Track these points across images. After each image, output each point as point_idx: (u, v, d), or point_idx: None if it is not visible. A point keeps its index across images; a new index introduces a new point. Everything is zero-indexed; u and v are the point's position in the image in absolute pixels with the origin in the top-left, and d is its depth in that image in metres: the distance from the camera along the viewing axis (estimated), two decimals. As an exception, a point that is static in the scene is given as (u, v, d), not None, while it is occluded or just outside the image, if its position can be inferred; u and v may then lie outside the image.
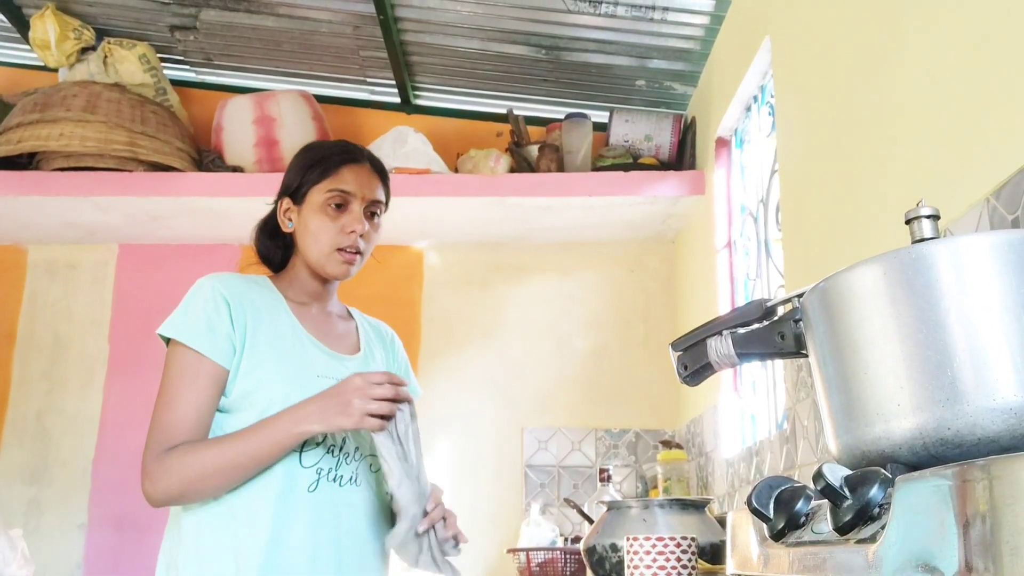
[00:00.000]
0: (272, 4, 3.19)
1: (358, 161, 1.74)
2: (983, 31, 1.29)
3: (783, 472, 2.12)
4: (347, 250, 1.69)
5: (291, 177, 1.75)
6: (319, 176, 1.70)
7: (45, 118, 3.22)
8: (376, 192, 1.74)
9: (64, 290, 3.71)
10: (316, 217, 1.69)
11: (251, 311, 1.62)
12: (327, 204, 1.69)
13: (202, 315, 1.59)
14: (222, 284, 1.64)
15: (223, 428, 1.57)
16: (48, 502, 3.53)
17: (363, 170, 1.74)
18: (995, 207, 1.22)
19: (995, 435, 0.73)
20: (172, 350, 1.61)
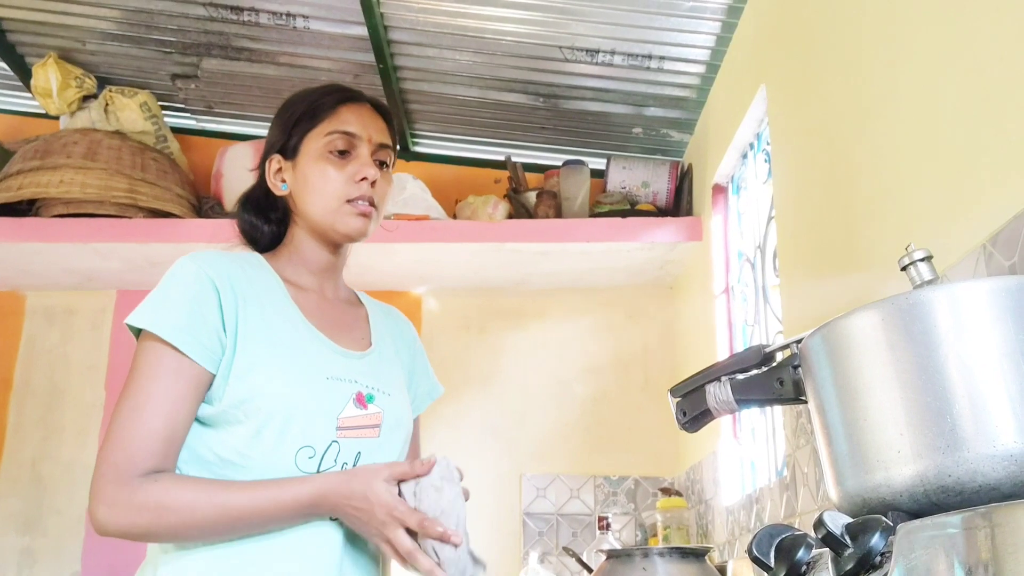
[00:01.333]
0: (273, 53, 3.23)
1: (357, 100, 1.48)
2: (976, 78, 1.30)
3: (783, 520, 2.11)
4: (359, 200, 1.41)
5: (276, 134, 1.47)
6: (312, 120, 1.43)
7: (46, 165, 3.24)
8: (384, 134, 1.47)
9: (62, 336, 3.70)
10: (316, 166, 1.41)
11: (243, 299, 1.33)
12: (328, 150, 1.42)
13: (183, 304, 1.29)
14: (209, 266, 1.33)
15: (209, 446, 1.29)
16: (42, 551, 3.49)
17: (364, 110, 1.47)
18: (992, 253, 1.23)
19: (996, 482, 0.73)
20: (144, 345, 1.29)
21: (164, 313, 1.29)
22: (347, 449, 1.34)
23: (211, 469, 1.30)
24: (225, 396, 1.28)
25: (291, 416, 1.30)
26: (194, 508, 1.23)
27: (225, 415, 1.29)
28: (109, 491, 1.23)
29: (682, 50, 2.90)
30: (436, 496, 1.18)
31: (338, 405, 1.35)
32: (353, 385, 1.38)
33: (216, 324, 1.29)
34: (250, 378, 1.29)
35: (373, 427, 1.38)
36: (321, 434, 1.32)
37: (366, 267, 3.28)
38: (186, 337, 1.27)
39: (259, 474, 1.28)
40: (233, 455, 1.29)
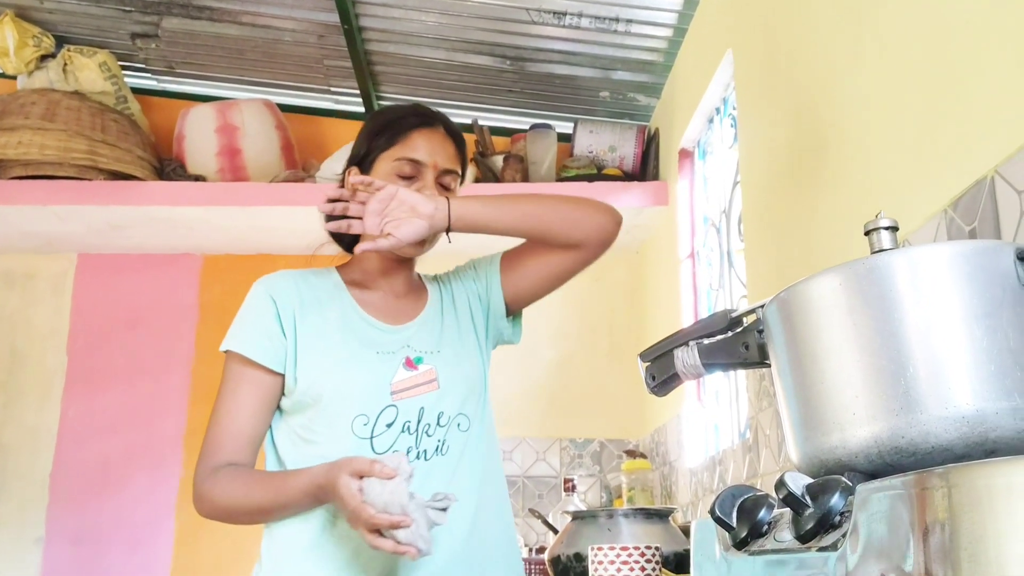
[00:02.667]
0: (235, 12, 3.17)
1: (431, 125, 1.61)
2: (941, 45, 1.31)
3: (746, 481, 2.14)
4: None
5: (359, 144, 1.62)
6: (387, 142, 1.57)
7: (3, 126, 3.17)
8: (450, 160, 1.61)
9: (22, 300, 3.65)
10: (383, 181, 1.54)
11: (301, 306, 1.53)
12: (395, 173, 1.55)
13: (248, 320, 1.53)
14: (269, 284, 1.56)
15: (294, 428, 1.51)
16: (5, 516, 3.46)
17: (436, 135, 1.60)
18: (953, 218, 1.24)
19: (948, 443, 0.74)
20: (226, 363, 1.54)
21: (235, 330, 1.53)
22: (407, 408, 1.50)
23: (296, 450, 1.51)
24: (295, 387, 1.49)
25: (345, 391, 1.48)
26: (234, 500, 1.45)
27: (299, 403, 1.50)
28: (195, 484, 1.48)
29: (649, 13, 2.89)
30: (380, 489, 1.31)
31: (388, 373, 1.51)
32: (401, 352, 1.54)
33: (277, 331, 1.51)
34: (310, 369, 1.49)
35: (430, 382, 1.54)
36: (375, 402, 1.49)
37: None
38: (250, 345, 1.50)
39: (325, 445, 1.47)
40: (308, 434, 1.50)
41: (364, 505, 1.30)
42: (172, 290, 3.67)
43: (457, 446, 1.53)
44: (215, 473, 1.46)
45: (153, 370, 3.59)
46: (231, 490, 1.46)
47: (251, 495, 1.45)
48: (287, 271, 1.60)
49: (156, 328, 3.63)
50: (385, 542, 1.30)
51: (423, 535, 1.31)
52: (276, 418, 1.55)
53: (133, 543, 3.44)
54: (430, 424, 1.51)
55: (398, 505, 1.30)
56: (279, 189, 3.26)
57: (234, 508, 1.46)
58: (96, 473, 3.50)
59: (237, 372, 1.51)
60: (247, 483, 1.47)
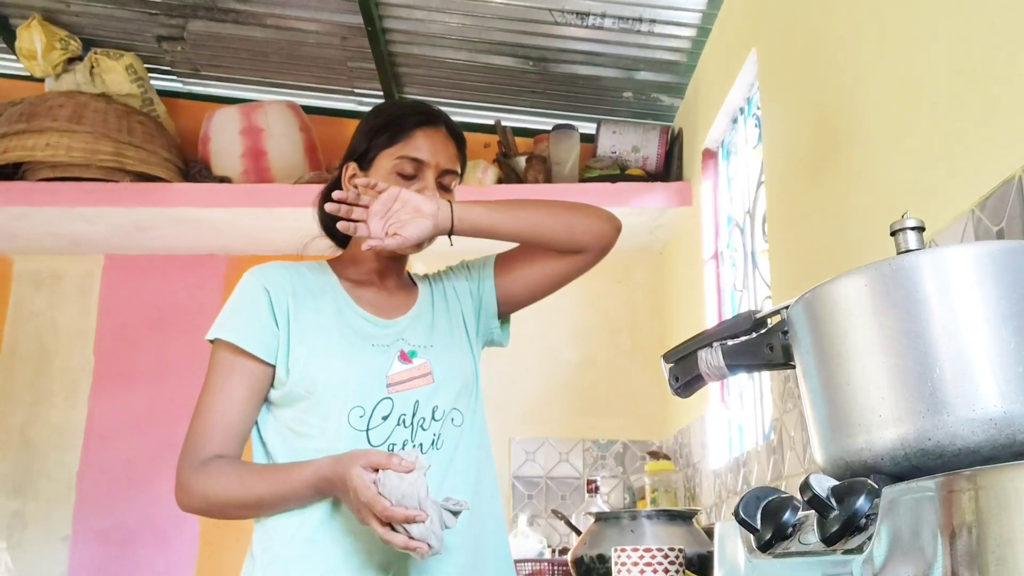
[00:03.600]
0: (260, 15, 3.19)
1: (433, 124, 1.59)
2: (968, 43, 1.30)
3: (770, 483, 2.13)
4: None
5: (358, 139, 1.61)
6: (389, 140, 1.56)
7: (31, 128, 3.21)
8: (451, 160, 1.59)
9: (49, 301, 3.69)
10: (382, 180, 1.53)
11: (294, 297, 1.52)
12: (396, 172, 1.54)
13: (239, 309, 1.51)
14: (262, 274, 1.54)
15: (285, 422, 1.48)
16: (32, 515, 3.50)
17: (438, 135, 1.58)
18: (980, 218, 1.23)
19: (975, 446, 0.74)
20: (213, 352, 1.51)
21: (226, 321, 1.51)
22: (402, 401, 1.49)
23: (287, 443, 1.49)
24: (287, 379, 1.47)
25: (341, 382, 1.47)
26: (228, 493, 1.42)
27: (291, 395, 1.48)
28: (179, 476, 1.45)
29: (673, 13, 2.88)
30: (398, 482, 1.29)
31: (384, 366, 1.50)
32: (396, 345, 1.53)
33: (269, 321, 1.49)
34: (305, 360, 1.47)
35: (424, 376, 1.53)
36: (371, 394, 1.47)
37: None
38: (241, 334, 1.48)
39: (320, 437, 1.46)
40: (301, 427, 1.48)
41: (379, 497, 1.28)
42: (197, 291, 3.70)
43: (451, 441, 1.52)
44: (205, 465, 1.43)
45: (178, 370, 3.62)
46: (224, 482, 1.42)
47: (248, 487, 1.42)
48: (280, 262, 1.59)
49: (181, 328, 3.66)
50: (397, 536, 1.28)
51: (436, 532, 1.30)
52: (263, 412, 1.52)
53: (159, 542, 3.46)
54: (425, 418, 1.50)
55: (415, 499, 1.29)
56: (303, 190, 3.27)
57: (227, 501, 1.42)
58: (122, 472, 3.53)
59: (227, 362, 1.48)
60: (242, 475, 1.44)
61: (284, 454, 1.47)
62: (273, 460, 1.48)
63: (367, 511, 1.30)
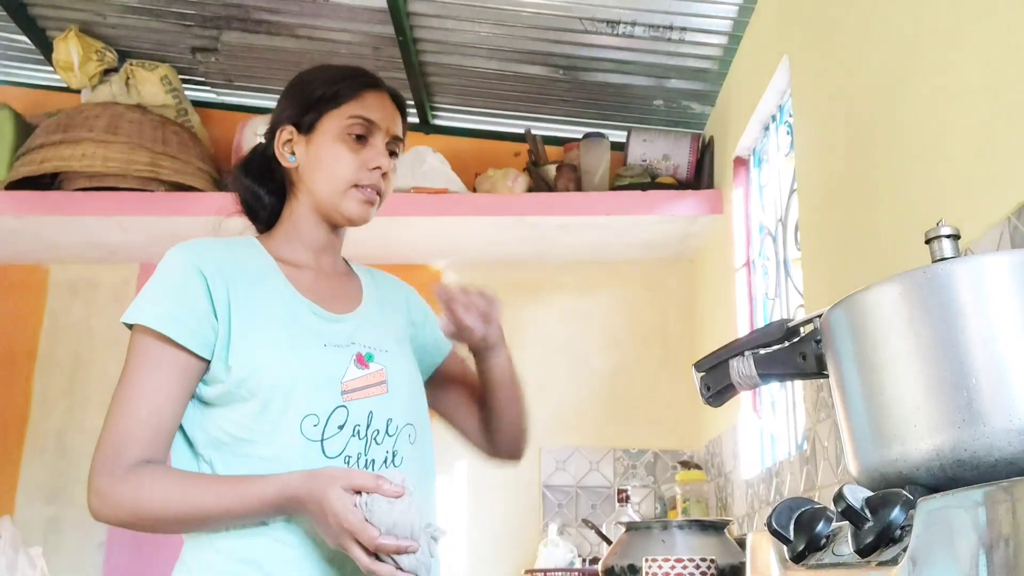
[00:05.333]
0: (292, 26, 3.22)
1: (379, 88, 1.50)
2: (1002, 50, 1.28)
3: (803, 493, 2.11)
4: (368, 188, 1.43)
5: (293, 104, 1.46)
6: (335, 100, 1.43)
7: (68, 139, 3.26)
8: (398, 127, 1.50)
9: (85, 309, 3.73)
10: (332, 147, 1.42)
11: (233, 283, 1.35)
12: (347, 132, 1.42)
13: (170, 292, 1.32)
14: (194, 254, 1.35)
15: (219, 425, 1.32)
16: (68, 520, 3.54)
17: (385, 99, 1.49)
18: (1016, 226, 1.22)
19: (1012, 456, 0.73)
20: (134, 338, 1.32)
21: (152, 305, 1.32)
22: (357, 411, 1.35)
23: (225, 448, 1.32)
24: (227, 377, 1.31)
25: (293, 387, 1.31)
26: (166, 505, 1.26)
27: (230, 395, 1.31)
28: (97, 482, 1.30)
29: (703, 20, 2.87)
30: (388, 508, 1.18)
31: (339, 370, 1.35)
32: (351, 348, 1.38)
33: (205, 309, 1.31)
34: (249, 357, 1.31)
35: (379, 384, 1.39)
36: (325, 401, 1.33)
37: (385, 240, 3.29)
38: (174, 325, 1.30)
39: (267, 446, 1.30)
40: (243, 432, 1.31)
41: (367, 525, 1.16)
42: (230, 299, 3.73)
43: (409, 459, 1.39)
44: (133, 472, 1.27)
45: (211, 378, 3.64)
46: (161, 493, 1.25)
47: (191, 501, 1.25)
48: (209, 239, 1.44)
49: (214, 336, 3.68)
50: (383, 567, 1.17)
51: (425, 562, 1.20)
52: (193, 410, 1.34)
53: (192, 548, 3.49)
54: (379, 430, 1.36)
55: (407, 527, 1.18)
56: (335, 199, 3.30)
57: (163, 515, 1.26)
58: (156, 479, 3.56)
59: (154, 352, 1.30)
60: (184, 486, 1.26)
61: (222, 461, 1.31)
62: (209, 466, 1.32)
63: (349, 538, 1.18)
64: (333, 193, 1.42)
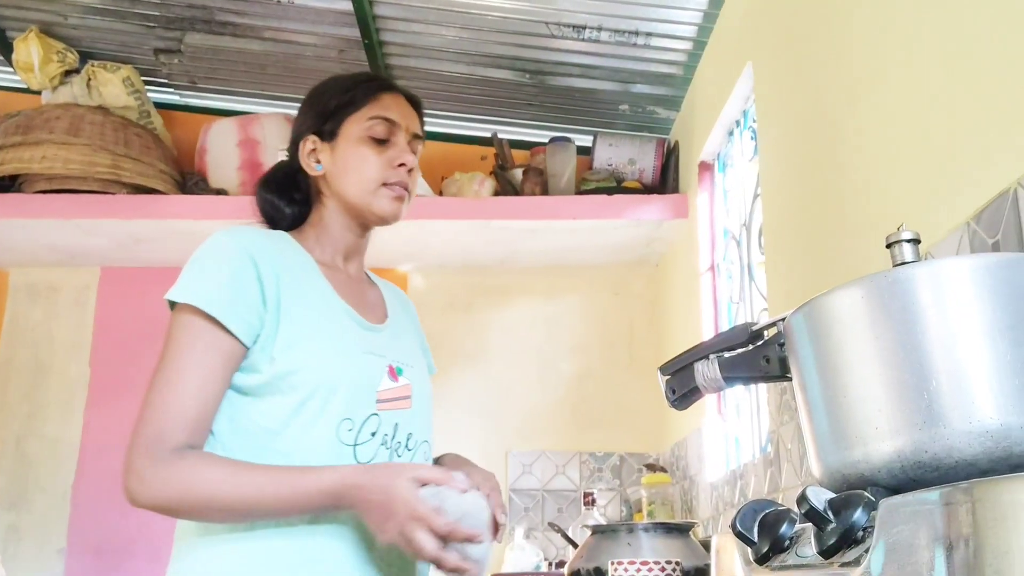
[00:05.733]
0: (257, 28, 3.20)
1: (394, 89, 1.53)
2: (962, 58, 1.30)
3: (767, 495, 2.12)
4: (396, 185, 1.45)
5: (314, 113, 1.50)
6: (354, 104, 1.47)
7: (28, 140, 3.21)
8: (417, 125, 1.53)
9: (45, 313, 3.68)
10: (357, 149, 1.44)
11: (282, 274, 1.33)
12: (368, 135, 1.45)
13: (224, 277, 1.30)
14: (247, 241, 1.34)
15: (250, 416, 1.30)
16: (27, 528, 3.49)
17: (401, 99, 1.53)
18: (976, 231, 1.23)
19: (972, 458, 0.74)
20: (180, 318, 1.30)
21: (204, 286, 1.30)
22: (386, 421, 1.37)
23: (252, 439, 1.30)
24: (268, 368, 1.29)
25: (334, 389, 1.31)
26: (217, 488, 1.23)
27: (268, 386, 1.30)
28: (140, 465, 1.25)
29: (669, 26, 2.89)
30: (459, 500, 1.20)
31: (376, 379, 1.37)
32: (384, 359, 1.40)
33: (256, 298, 1.30)
34: (294, 352, 1.30)
35: (405, 398, 1.41)
36: (361, 407, 1.34)
37: (352, 244, 3.27)
38: (225, 309, 1.28)
39: (297, 444, 1.29)
40: (275, 424, 1.30)
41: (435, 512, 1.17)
42: (194, 303, 3.69)
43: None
44: (181, 455, 1.23)
45: (174, 383, 3.60)
46: (212, 476, 1.22)
47: (243, 486, 1.22)
48: (253, 228, 1.43)
49: (178, 341, 3.65)
50: (450, 556, 1.17)
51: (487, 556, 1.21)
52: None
53: (154, 554, 3.45)
54: (400, 443, 1.38)
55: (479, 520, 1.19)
56: (300, 203, 3.28)
57: (210, 499, 1.22)
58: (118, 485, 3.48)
59: (203, 335, 1.28)
60: (236, 472, 1.23)
61: (244, 452, 1.29)
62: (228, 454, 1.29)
63: (418, 525, 1.17)
64: (363, 193, 1.44)
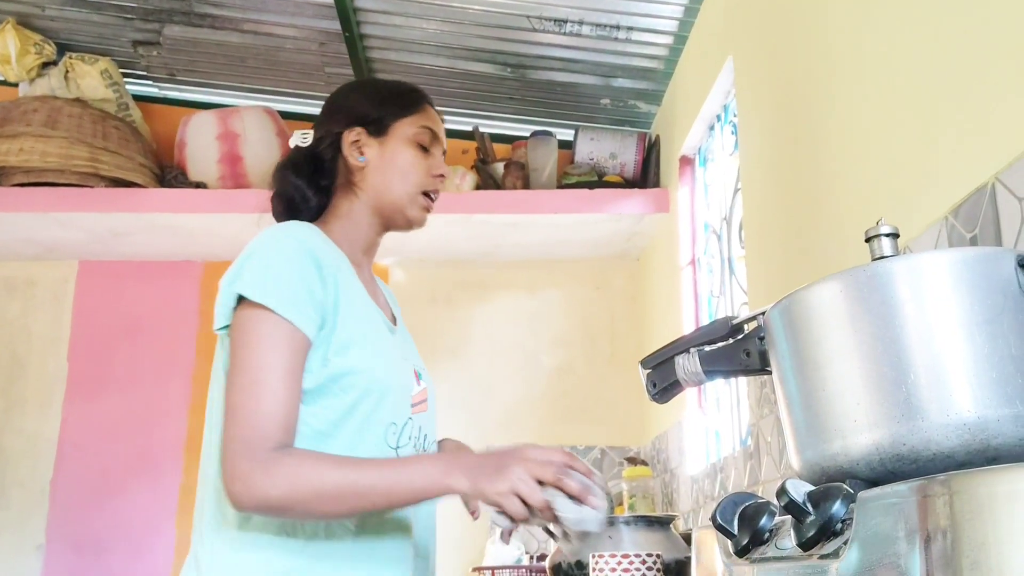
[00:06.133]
0: (237, 20, 3.18)
1: (433, 105, 1.54)
2: (942, 52, 1.31)
3: (747, 488, 2.13)
4: (431, 195, 1.47)
5: (365, 106, 1.48)
6: (405, 109, 1.47)
7: (5, 133, 3.18)
8: (446, 144, 1.54)
9: (23, 307, 3.65)
10: (406, 151, 1.45)
11: (337, 275, 1.32)
12: (416, 140, 1.46)
13: (293, 277, 1.27)
14: (306, 238, 1.32)
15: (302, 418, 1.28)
16: (5, 524, 3.46)
17: (438, 118, 1.53)
18: (954, 225, 1.24)
19: (949, 450, 0.74)
20: (255, 315, 1.26)
21: (277, 286, 1.26)
22: (416, 425, 1.38)
23: (303, 442, 1.28)
24: (321, 370, 1.28)
25: (385, 394, 1.32)
26: (325, 481, 1.19)
27: (321, 388, 1.29)
28: (243, 469, 1.19)
29: (650, 20, 2.89)
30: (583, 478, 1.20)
31: (411, 383, 1.39)
32: (408, 362, 1.42)
33: (321, 297, 1.28)
34: (348, 354, 1.29)
35: (425, 402, 1.43)
36: (402, 412, 1.36)
37: (333, 238, 3.26)
38: (299, 312, 1.26)
39: (349, 447, 1.29)
40: (326, 427, 1.29)
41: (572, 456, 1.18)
42: (173, 297, 3.67)
43: None
44: (285, 453, 1.21)
45: (154, 378, 3.59)
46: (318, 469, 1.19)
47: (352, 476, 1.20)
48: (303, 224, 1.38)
49: (157, 336, 3.63)
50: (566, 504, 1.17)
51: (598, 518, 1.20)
52: None
53: (133, 550, 3.43)
54: (424, 447, 1.40)
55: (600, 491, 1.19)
56: (280, 196, 3.26)
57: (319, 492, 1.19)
58: (97, 480, 3.50)
59: (282, 335, 1.25)
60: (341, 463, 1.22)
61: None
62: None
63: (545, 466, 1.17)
64: (404, 195, 1.45)
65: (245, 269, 1.28)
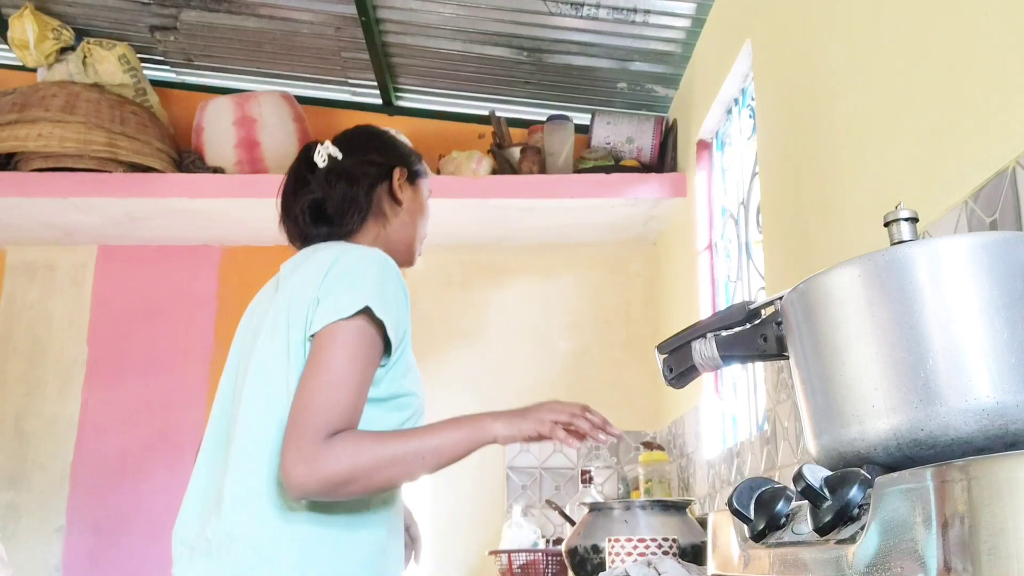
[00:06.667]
0: (253, 5, 3.18)
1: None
2: (962, 34, 1.30)
3: (763, 473, 2.13)
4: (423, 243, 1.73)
5: (406, 155, 1.71)
6: (425, 172, 1.73)
7: (24, 118, 3.19)
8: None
9: (42, 292, 3.68)
10: (424, 205, 1.71)
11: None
12: (427, 199, 1.72)
13: (400, 302, 1.44)
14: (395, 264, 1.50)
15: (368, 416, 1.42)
16: (26, 506, 3.50)
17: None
18: (973, 209, 1.23)
19: (968, 436, 0.74)
20: (360, 327, 1.38)
21: (387, 304, 1.40)
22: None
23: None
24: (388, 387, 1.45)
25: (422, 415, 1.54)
26: (384, 450, 1.34)
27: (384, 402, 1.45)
28: (308, 450, 1.30)
29: (667, 3, 2.88)
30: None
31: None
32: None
33: (407, 326, 1.47)
34: (405, 379, 1.48)
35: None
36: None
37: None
38: (395, 335, 1.42)
39: None
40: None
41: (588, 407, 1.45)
42: (191, 282, 3.69)
43: None
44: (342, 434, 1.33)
45: (172, 362, 3.61)
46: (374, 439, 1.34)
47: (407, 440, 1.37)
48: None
49: (175, 320, 3.65)
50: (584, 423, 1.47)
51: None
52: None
53: (152, 533, 3.46)
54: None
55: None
56: (297, 181, 3.26)
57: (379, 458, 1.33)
58: (116, 463, 3.53)
59: (375, 348, 1.39)
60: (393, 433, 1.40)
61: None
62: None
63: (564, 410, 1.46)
64: (417, 242, 1.70)
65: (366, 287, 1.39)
